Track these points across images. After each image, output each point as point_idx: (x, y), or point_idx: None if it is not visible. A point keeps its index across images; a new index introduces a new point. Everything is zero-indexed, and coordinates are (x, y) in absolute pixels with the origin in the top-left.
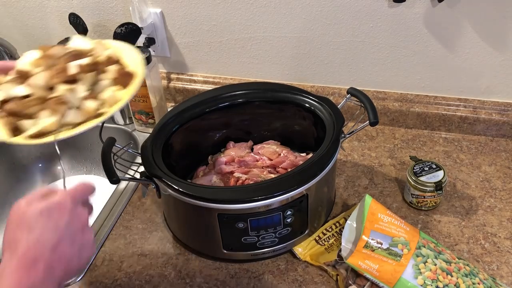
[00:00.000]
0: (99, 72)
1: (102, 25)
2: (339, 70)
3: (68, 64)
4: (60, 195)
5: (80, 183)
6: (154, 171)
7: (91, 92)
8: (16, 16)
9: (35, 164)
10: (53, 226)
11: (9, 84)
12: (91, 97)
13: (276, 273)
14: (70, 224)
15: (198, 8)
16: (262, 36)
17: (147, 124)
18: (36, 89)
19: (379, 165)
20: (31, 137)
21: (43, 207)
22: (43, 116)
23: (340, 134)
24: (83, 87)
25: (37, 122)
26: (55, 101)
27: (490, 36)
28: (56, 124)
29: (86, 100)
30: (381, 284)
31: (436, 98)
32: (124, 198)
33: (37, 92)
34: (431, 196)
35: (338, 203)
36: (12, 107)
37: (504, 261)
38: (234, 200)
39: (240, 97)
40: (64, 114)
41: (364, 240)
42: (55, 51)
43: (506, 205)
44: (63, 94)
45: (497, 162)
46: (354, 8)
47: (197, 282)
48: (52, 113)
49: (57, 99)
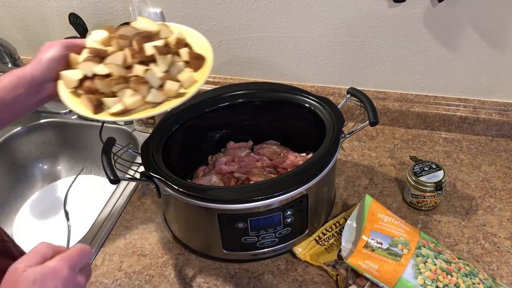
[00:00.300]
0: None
1: (102, 25)
2: (339, 70)
3: (144, 45)
4: (57, 261)
5: (78, 248)
6: (154, 171)
7: (167, 73)
8: (16, 16)
9: (35, 164)
10: None
11: (88, 63)
12: (167, 78)
13: (276, 273)
14: None
15: (198, 8)
16: (262, 36)
17: (147, 124)
18: (114, 68)
19: (379, 165)
20: (114, 115)
21: (37, 276)
22: (126, 95)
23: (340, 134)
24: (160, 68)
25: (119, 100)
26: (137, 80)
27: (490, 36)
28: (138, 102)
29: (162, 80)
30: (381, 284)
31: (436, 98)
32: (124, 198)
33: (116, 71)
34: (431, 196)
35: (338, 203)
36: (96, 85)
37: (504, 261)
38: (234, 200)
39: (240, 97)
40: (145, 94)
41: (364, 240)
42: (126, 31)
43: (506, 205)
44: (142, 74)
45: (497, 162)
46: (354, 8)
47: (197, 282)
48: (134, 92)
49: (138, 79)
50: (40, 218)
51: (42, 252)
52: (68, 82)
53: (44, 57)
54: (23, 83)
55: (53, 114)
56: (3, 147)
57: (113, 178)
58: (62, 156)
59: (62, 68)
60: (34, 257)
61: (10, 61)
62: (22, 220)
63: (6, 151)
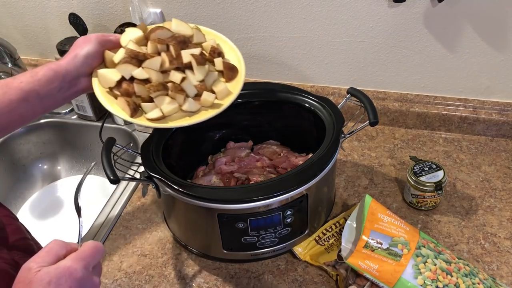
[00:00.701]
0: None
1: (102, 25)
2: (339, 70)
3: (182, 52)
4: (71, 261)
5: (91, 246)
6: (154, 171)
7: (202, 82)
8: (16, 16)
9: (35, 164)
10: None
11: (126, 65)
12: (203, 88)
13: (276, 273)
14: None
15: (198, 8)
16: (262, 36)
17: None
18: (152, 74)
19: (379, 165)
20: (152, 120)
21: (51, 277)
22: (164, 102)
23: (340, 134)
24: (197, 77)
25: (157, 106)
26: (175, 88)
27: (490, 36)
28: (175, 110)
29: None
30: (381, 284)
31: (436, 98)
32: (124, 198)
33: (154, 76)
34: (431, 196)
35: (338, 203)
36: (134, 89)
37: (504, 261)
38: (234, 200)
39: (240, 97)
40: (182, 102)
41: (364, 240)
42: (161, 34)
43: (506, 205)
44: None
45: (497, 162)
46: (354, 8)
47: (197, 282)
48: (172, 100)
49: (176, 87)
50: (40, 218)
51: (55, 250)
52: (105, 82)
53: (80, 52)
54: (58, 77)
55: (53, 114)
56: (3, 147)
57: (113, 178)
58: (62, 156)
59: (96, 64)
60: (47, 256)
61: (10, 61)
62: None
63: (6, 151)
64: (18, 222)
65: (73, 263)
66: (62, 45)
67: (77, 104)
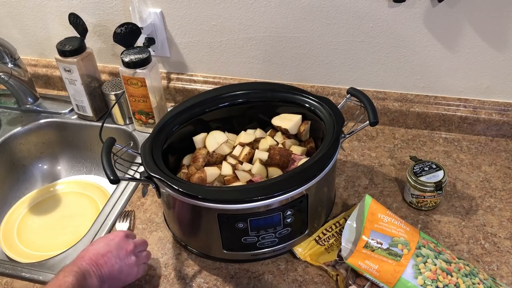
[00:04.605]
0: None
1: (102, 25)
2: (339, 70)
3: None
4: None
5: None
6: (154, 171)
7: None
8: (16, 16)
9: (35, 164)
10: (106, 241)
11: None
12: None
13: (276, 273)
14: (118, 245)
15: (198, 8)
16: (262, 36)
17: (147, 124)
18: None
19: (379, 165)
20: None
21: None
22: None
23: (340, 134)
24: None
25: None
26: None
27: (490, 36)
28: None
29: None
30: (381, 284)
31: (436, 98)
32: (124, 198)
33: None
34: (431, 196)
35: (338, 203)
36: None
37: (504, 261)
38: (234, 200)
39: (240, 97)
40: None
41: (364, 240)
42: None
43: (506, 205)
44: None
45: (497, 162)
46: (354, 8)
47: (197, 282)
48: None
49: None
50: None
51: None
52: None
53: None
54: None
55: (53, 114)
56: (3, 147)
57: (113, 178)
58: (62, 156)
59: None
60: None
61: (10, 61)
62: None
63: (6, 151)
64: None
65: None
66: (62, 45)
67: (77, 104)
